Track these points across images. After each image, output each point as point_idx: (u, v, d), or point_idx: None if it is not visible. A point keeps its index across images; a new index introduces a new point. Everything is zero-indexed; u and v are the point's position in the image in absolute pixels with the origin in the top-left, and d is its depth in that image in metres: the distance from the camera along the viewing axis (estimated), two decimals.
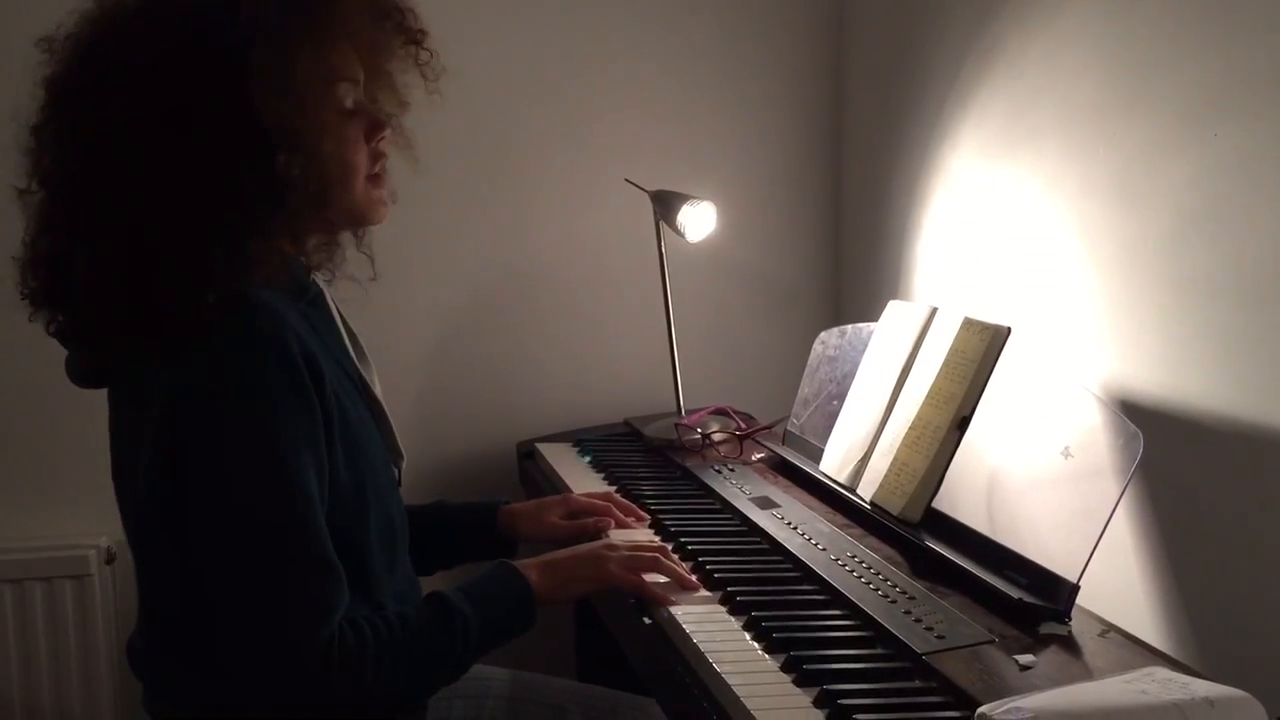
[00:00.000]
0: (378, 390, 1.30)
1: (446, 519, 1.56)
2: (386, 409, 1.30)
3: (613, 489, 1.74)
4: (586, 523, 1.54)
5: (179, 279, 1.06)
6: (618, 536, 1.49)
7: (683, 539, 1.48)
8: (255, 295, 1.09)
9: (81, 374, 1.19)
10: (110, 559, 2.07)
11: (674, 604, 1.28)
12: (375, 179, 1.24)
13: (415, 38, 1.25)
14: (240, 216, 1.09)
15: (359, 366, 1.28)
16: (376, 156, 1.23)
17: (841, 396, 1.74)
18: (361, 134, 1.20)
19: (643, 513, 1.60)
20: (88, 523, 2.06)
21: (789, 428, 1.92)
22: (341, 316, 1.31)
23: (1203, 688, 0.96)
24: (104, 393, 1.22)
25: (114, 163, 1.08)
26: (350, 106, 1.19)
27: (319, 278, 1.28)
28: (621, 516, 1.57)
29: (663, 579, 1.33)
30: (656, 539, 1.49)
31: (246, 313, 1.08)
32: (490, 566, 1.28)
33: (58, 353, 1.21)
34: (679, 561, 1.38)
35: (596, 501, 1.59)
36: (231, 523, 1.08)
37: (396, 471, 1.31)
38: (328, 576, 1.10)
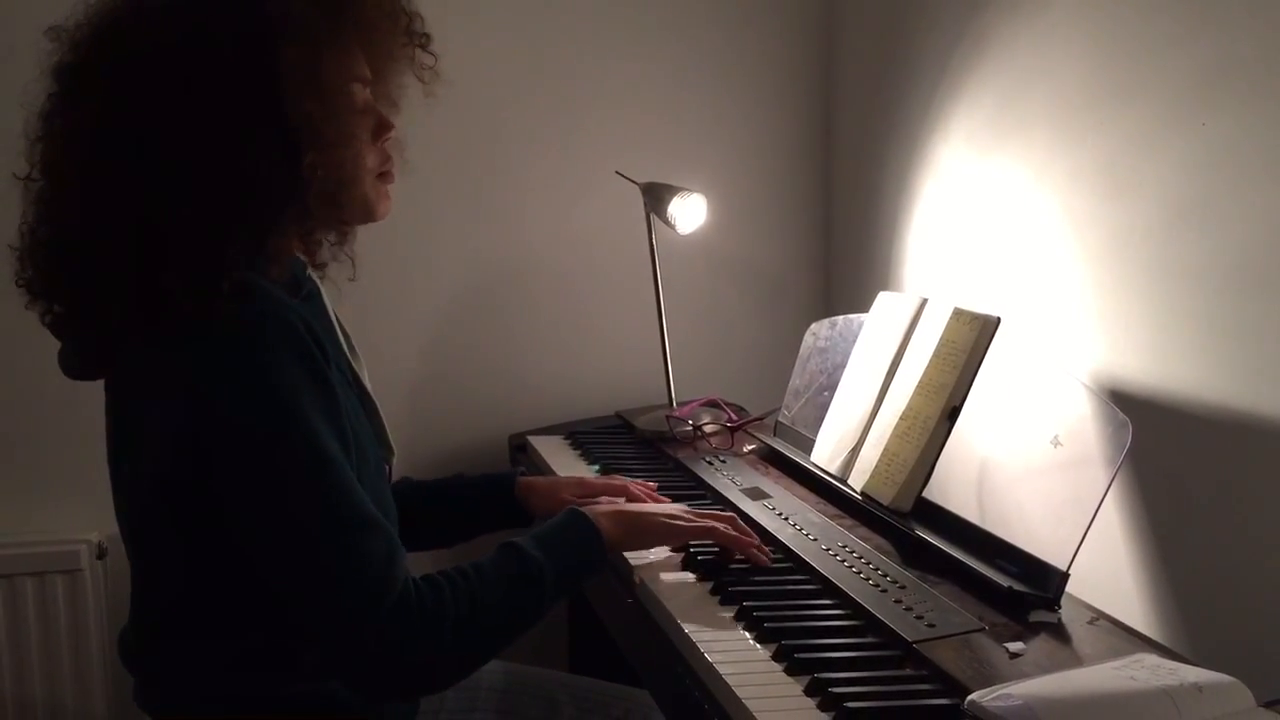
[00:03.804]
0: (369, 387, 1.30)
1: (465, 490, 1.57)
2: (379, 405, 1.30)
3: None
4: (599, 500, 1.54)
5: (195, 272, 1.06)
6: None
7: None
8: (259, 283, 1.10)
9: (77, 365, 1.18)
10: (102, 554, 2.06)
11: (755, 552, 1.35)
12: (382, 177, 1.24)
13: (422, 42, 1.25)
14: (262, 214, 1.10)
15: (351, 362, 1.28)
16: (383, 156, 1.24)
17: (832, 387, 1.75)
18: (370, 134, 1.21)
19: (662, 498, 1.60)
20: (79, 518, 2.06)
21: (780, 419, 1.92)
22: (335, 313, 1.31)
23: (1191, 673, 0.97)
24: (94, 387, 1.21)
25: (136, 154, 1.07)
26: (361, 107, 1.19)
27: (314, 274, 1.28)
28: (640, 496, 1.57)
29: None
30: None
31: (253, 299, 1.08)
32: (561, 514, 1.30)
33: (47, 348, 1.20)
34: (750, 531, 1.40)
35: (613, 484, 1.59)
36: (272, 502, 1.07)
37: (387, 468, 1.31)
38: (378, 532, 1.09)
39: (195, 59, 1.07)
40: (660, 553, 1.42)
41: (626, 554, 1.40)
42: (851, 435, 1.63)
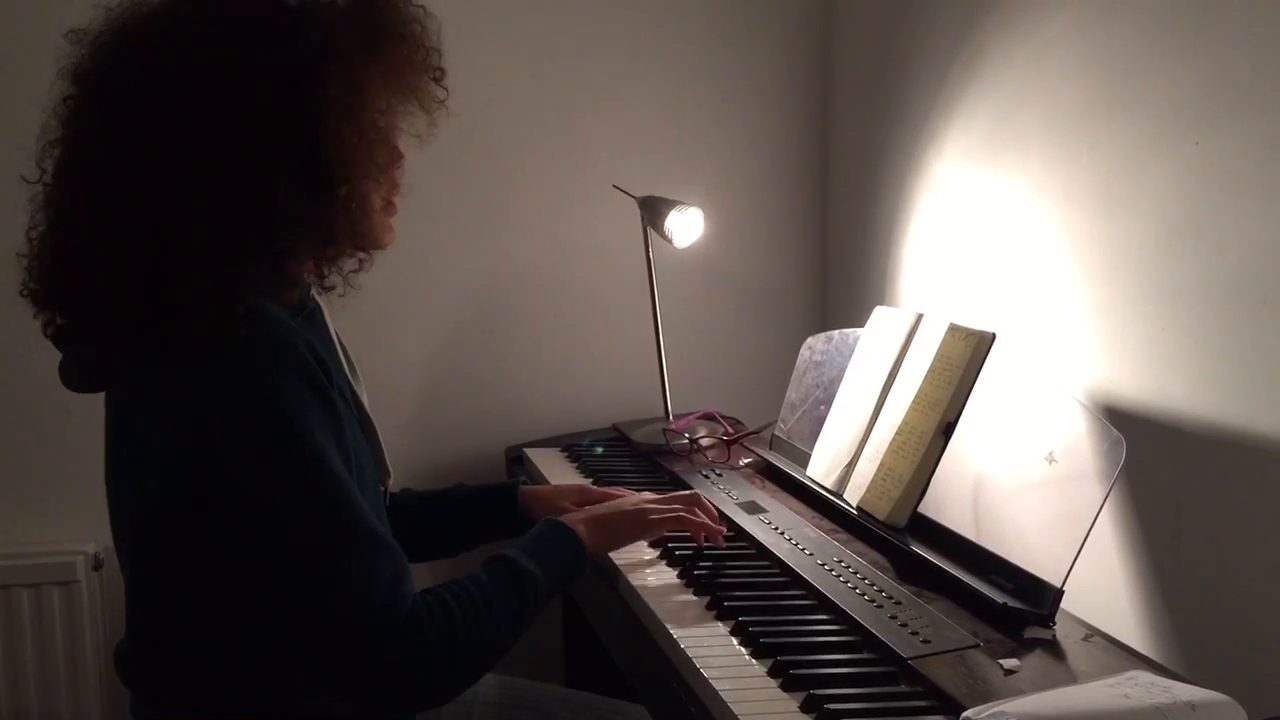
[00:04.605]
0: (367, 407, 1.31)
1: (468, 500, 1.59)
2: (377, 426, 1.31)
3: None
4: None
5: (213, 295, 1.06)
6: None
7: (670, 544, 1.49)
8: (266, 306, 1.10)
9: (78, 377, 1.18)
10: (98, 565, 2.06)
11: (719, 533, 1.46)
12: (387, 208, 1.25)
13: (437, 76, 1.26)
14: (283, 241, 1.10)
15: (351, 382, 1.29)
16: (393, 184, 1.25)
17: (828, 402, 1.75)
18: (386, 163, 1.22)
19: None
20: (75, 529, 2.06)
21: (776, 433, 1.93)
22: (335, 331, 1.32)
23: (1185, 692, 0.97)
24: (92, 400, 1.21)
25: (164, 169, 1.07)
26: (383, 137, 1.20)
27: (316, 293, 1.28)
28: None
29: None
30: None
31: (260, 320, 1.09)
32: (540, 525, 1.34)
33: (43, 359, 1.20)
34: (710, 505, 1.50)
35: (613, 493, 1.60)
36: (280, 520, 1.08)
37: (383, 489, 1.32)
38: (386, 550, 1.11)
39: (232, 86, 1.07)
40: (638, 550, 1.47)
41: (617, 560, 1.42)
42: (847, 450, 1.63)
